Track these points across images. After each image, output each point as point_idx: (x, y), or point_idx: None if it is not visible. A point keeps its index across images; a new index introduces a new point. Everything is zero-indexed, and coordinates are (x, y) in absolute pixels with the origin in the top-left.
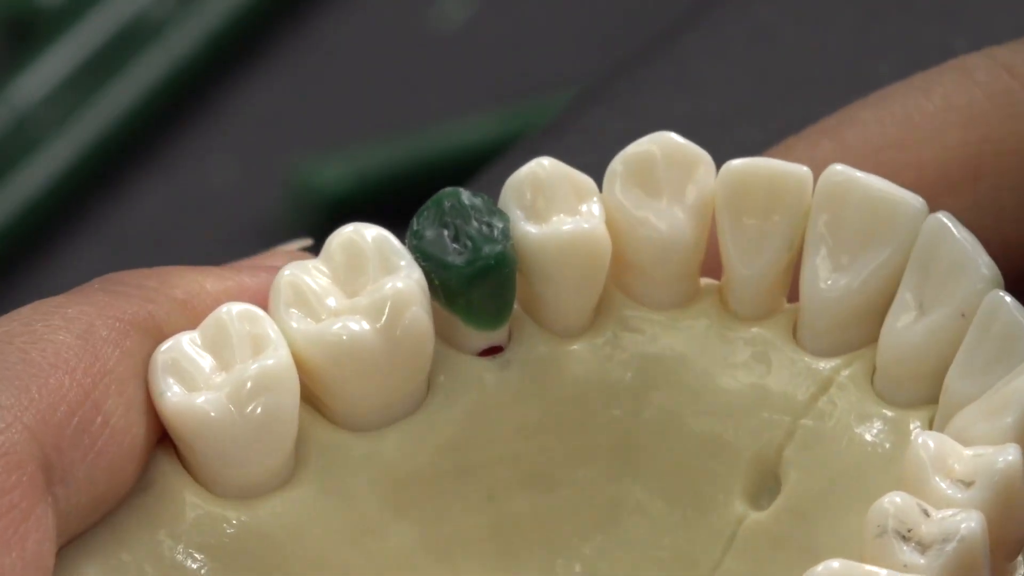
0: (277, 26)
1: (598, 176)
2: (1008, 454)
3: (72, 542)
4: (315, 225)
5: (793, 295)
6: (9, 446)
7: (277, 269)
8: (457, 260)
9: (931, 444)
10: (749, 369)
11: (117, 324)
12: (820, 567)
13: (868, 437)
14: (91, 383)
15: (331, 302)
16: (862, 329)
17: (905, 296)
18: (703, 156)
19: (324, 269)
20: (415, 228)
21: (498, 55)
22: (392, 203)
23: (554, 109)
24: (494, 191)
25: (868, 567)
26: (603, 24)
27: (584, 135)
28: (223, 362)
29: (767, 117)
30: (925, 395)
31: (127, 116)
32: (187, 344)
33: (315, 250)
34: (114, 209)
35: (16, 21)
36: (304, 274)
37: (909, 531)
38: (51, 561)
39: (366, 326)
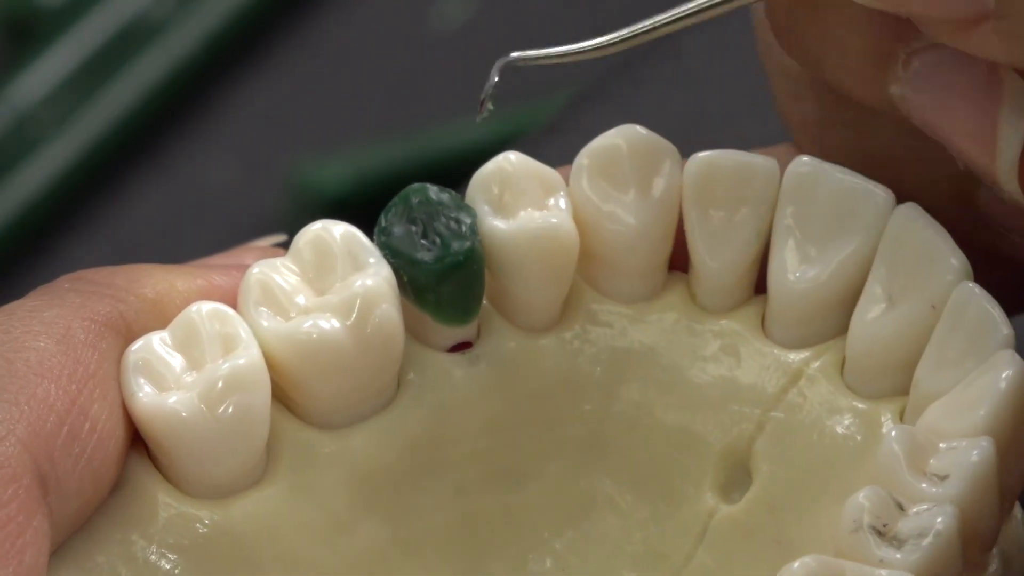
0: (277, 26)
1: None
2: (982, 448)
3: None
4: None
5: (761, 287)
6: (4, 459)
7: (247, 267)
8: (426, 257)
9: (904, 438)
10: (718, 362)
11: (92, 326)
12: (796, 564)
13: (839, 429)
14: (76, 389)
15: (300, 300)
16: (831, 321)
17: (874, 288)
18: (669, 148)
19: (293, 267)
20: (383, 225)
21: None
22: None
23: (554, 109)
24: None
25: (844, 562)
26: (602, 24)
27: (584, 134)
28: (193, 362)
29: (766, 114)
30: (895, 387)
31: (127, 116)
32: (157, 344)
33: None
34: (114, 209)
35: (16, 21)
36: (273, 272)
37: (885, 526)
38: (45, 572)
39: (336, 324)
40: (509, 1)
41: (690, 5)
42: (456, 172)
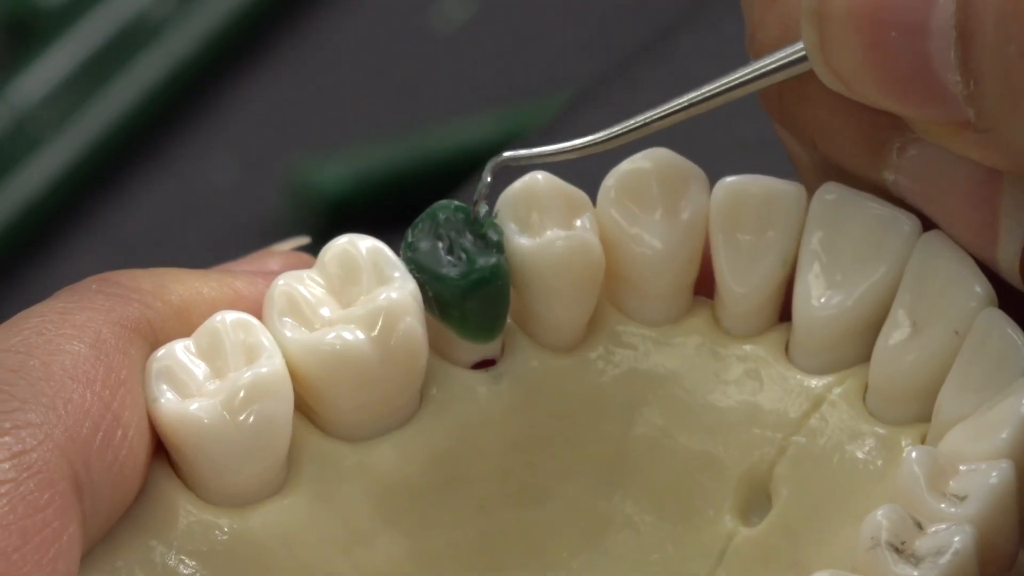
0: (277, 26)
1: (598, 175)
2: (1001, 470)
3: None
4: (315, 225)
5: (786, 314)
6: (42, 464)
7: (274, 276)
8: (451, 272)
9: (924, 459)
10: (741, 386)
11: (122, 331)
12: None
13: (860, 455)
14: (109, 395)
15: (325, 312)
16: (855, 347)
17: (898, 314)
18: (696, 172)
19: (318, 279)
20: (409, 240)
21: (498, 55)
22: (391, 203)
23: (553, 109)
24: (493, 190)
25: None
26: (601, 24)
27: (582, 135)
28: (217, 371)
29: (765, 115)
30: (917, 413)
31: (127, 116)
32: (181, 352)
33: (313, 249)
34: (114, 209)
35: (16, 21)
36: (298, 284)
37: (903, 544)
38: None
39: (360, 336)
40: (509, 1)
41: (680, 100)
42: (456, 172)
